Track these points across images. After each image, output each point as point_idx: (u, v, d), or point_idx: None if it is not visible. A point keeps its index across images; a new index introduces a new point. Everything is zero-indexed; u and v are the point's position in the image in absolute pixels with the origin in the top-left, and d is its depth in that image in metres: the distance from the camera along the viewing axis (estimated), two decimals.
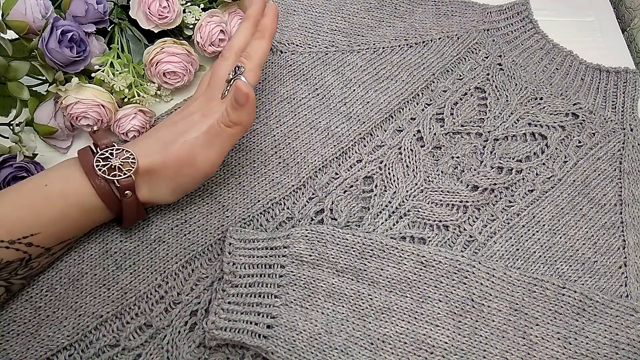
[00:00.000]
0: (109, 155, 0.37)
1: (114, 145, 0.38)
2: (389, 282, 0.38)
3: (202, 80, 0.44)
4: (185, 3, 0.48)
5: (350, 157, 0.47)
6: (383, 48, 0.53)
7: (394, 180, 0.45)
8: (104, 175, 0.36)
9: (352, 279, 0.38)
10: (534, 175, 0.46)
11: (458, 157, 0.47)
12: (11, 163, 0.40)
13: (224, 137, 0.38)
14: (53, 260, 0.40)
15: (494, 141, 0.48)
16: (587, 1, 0.62)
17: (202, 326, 0.38)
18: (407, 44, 0.53)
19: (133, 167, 0.37)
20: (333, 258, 0.39)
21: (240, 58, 0.41)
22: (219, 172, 0.45)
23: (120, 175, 0.37)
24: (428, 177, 0.46)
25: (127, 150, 0.38)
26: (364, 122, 0.48)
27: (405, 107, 0.50)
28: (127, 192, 0.37)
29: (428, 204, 0.44)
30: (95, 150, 0.38)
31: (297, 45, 0.53)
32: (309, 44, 0.53)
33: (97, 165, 0.36)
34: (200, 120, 0.39)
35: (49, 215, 0.36)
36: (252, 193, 0.44)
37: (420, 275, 0.39)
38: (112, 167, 0.37)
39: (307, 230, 0.40)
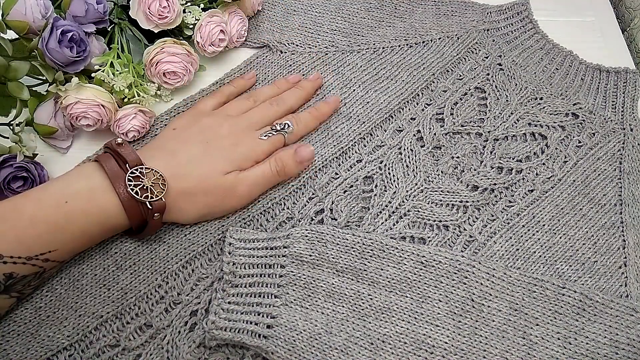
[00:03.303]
0: (139, 175, 0.36)
1: (143, 164, 0.37)
2: (389, 282, 0.38)
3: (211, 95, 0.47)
4: (185, 3, 0.48)
5: (350, 157, 0.47)
6: (383, 48, 0.53)
7: (394, 180, 0.45)
8: (135, 196, 0.35)
9: (352, 279, 0.38)
10: (534, 175, 0.46)
11: (458, 157, 0.47)
12: (11, 163, 0.40)
13: (271, 182, 0.43)
14: None
15: (494, 141, 0.48)
16: (587, 1, 0.62)
17: (202, 326, 0.38)
18: (407, 44, 0.53)
19: (164, 189, 0.37)
20: (333, 258, 0.39)
21: (293, 117, 0.46)
22: None
23: (152, 197, 0.36)
24: (428, 177, 0.46)
25: (156, 171, 0.37)
26: (364, 122, 0.48)
27: (405, 107, 0.50)
28: (156, 214, 0.37)
29: (428, 204, 0.44)
30: (124, 168, 0.37)
31: (297, 45, 0.53)
32: (309, 44, 0.53)
33: (130, 185, 0.35)
34: (230, 149, 0.42)
35: (68, 233, 0.35)
36: None
37: (420, 275, 0.39)
38: (144, 187, 0.36)
39: (307, 230, 0.40)
